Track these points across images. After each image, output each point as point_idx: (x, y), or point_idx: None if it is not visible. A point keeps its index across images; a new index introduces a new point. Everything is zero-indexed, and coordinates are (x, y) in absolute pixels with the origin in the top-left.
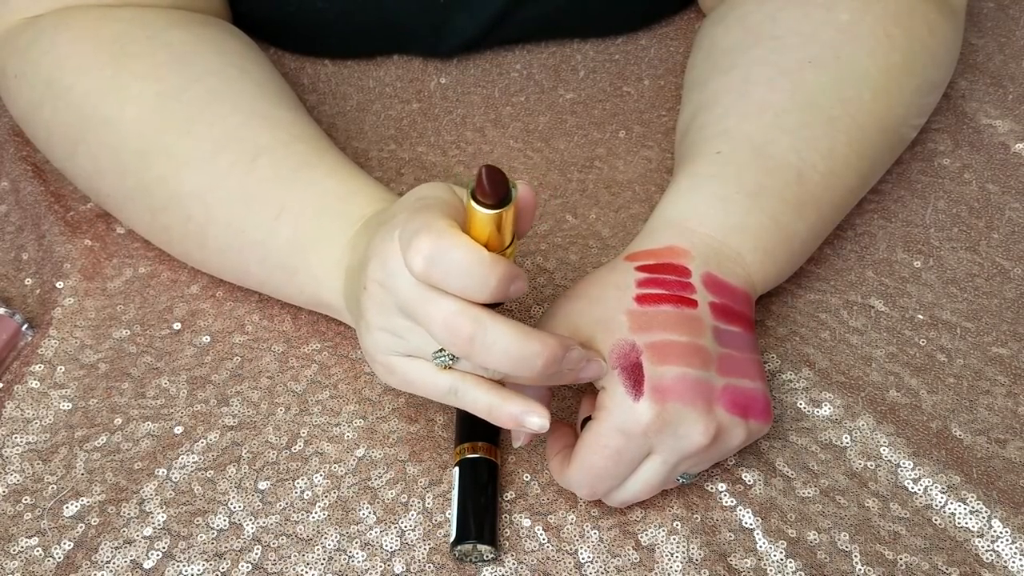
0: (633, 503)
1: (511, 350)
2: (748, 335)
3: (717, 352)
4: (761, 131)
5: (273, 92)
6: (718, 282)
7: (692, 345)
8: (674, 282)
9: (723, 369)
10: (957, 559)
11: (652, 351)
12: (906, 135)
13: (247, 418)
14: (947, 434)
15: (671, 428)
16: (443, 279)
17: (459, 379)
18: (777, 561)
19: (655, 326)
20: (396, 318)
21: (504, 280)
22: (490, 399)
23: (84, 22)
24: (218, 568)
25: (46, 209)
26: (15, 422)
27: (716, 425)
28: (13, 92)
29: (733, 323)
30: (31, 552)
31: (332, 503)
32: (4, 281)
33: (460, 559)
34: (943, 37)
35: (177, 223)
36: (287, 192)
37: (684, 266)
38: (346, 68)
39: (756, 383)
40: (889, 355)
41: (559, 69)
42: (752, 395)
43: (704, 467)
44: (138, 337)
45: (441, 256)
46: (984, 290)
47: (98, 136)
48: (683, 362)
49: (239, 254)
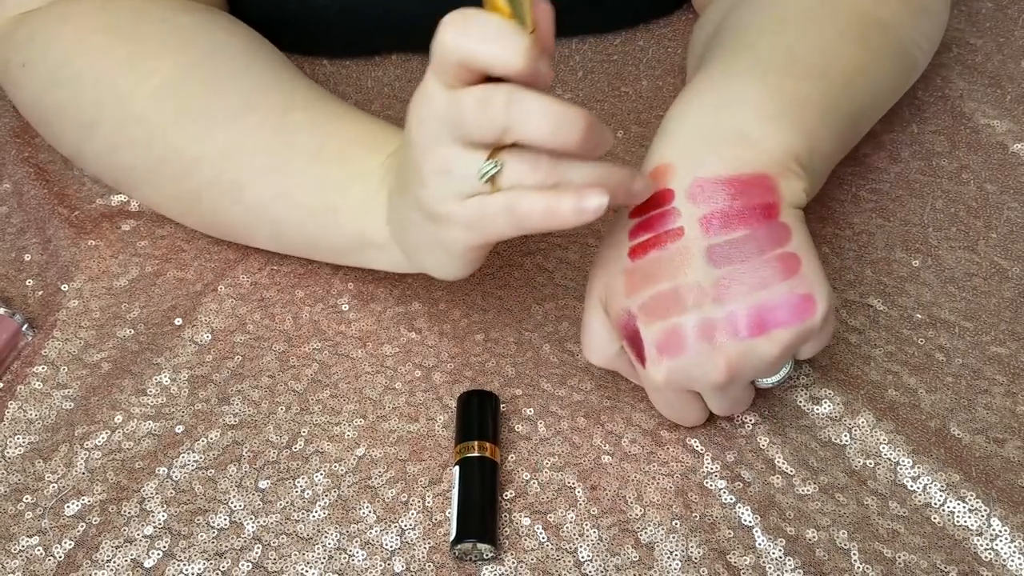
0: (744, 408)
1: (549, 110)
2: (758, 230)
3: (713, 278)
4: (748, 35)
5: (285, 65)
6: (707, 185)
7: (676, 289)
8: (658, 216)
9: (722, 294)
10: (956, 557)
11: (643, 312)
12: (908, 46)
13: (248, 417)
14: (946, 433)
15: (686, 379)
16: (474, 48)
17: (510, 194)
18: (776, 559)
19: (644, 281)
20: (440, 148)
21: (532, 49)
22: (544, 199)
23: (89, 10)
24: (218, 567)
25: (49, 212)
26: (18, 423)
27: (724, 359)
28: (20, 82)
29: (734, 227)
30: (32, 551)
31: (332, 502)
32: (4, 282)
33: (460, 558)
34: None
35: (207, 184)
36: (323, 136)
37: (667, 189)
38: (344, 68)
39: (773, 289)
40: (888, 354)
41: (557, 69)
42: (767, 306)
43: (773, 371)
44: (141, 336)
45: (468, 23)
46: (982, 289)
47: (116, 112)
48: (669, 313)
49: (277, 202)
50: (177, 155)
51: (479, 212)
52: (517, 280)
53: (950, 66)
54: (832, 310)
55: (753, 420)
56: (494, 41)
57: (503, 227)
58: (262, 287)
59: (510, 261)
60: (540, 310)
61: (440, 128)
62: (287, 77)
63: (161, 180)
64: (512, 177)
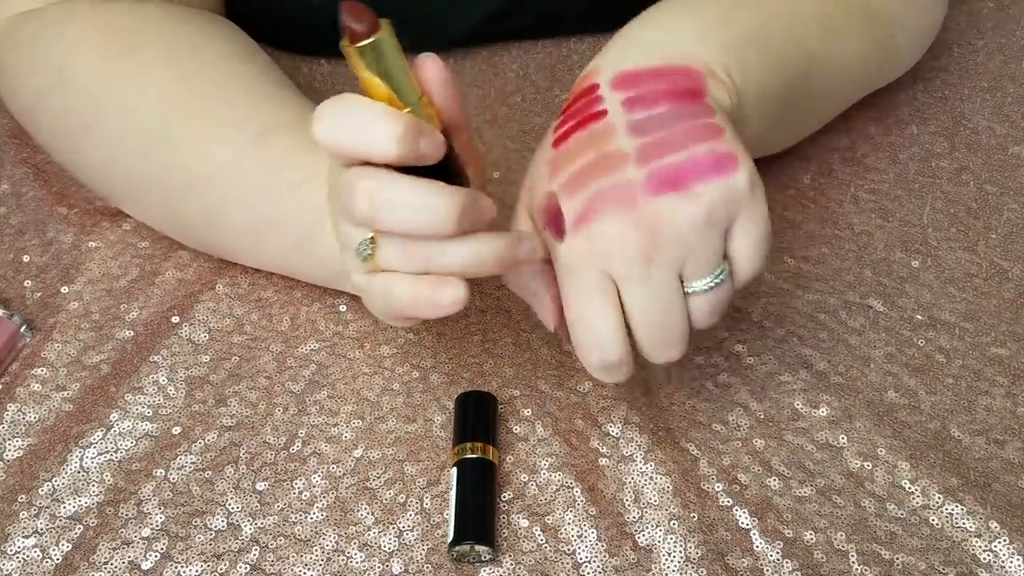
0: (676, 349)
1: (415, 200)
2: (684, 107)
3: (635, 145)
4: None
5: (277, 77)
6: (633, 74)
7: (597, 158)
8: (583, 104)
9: (644, 158)
10: (954, 559)
11: (565, 188)
12: (887, 23)
13: (245, 418)
14: (945, 434)
15: (604, 245)
16: (344, 141)
17: (386, 277)
18: (774, 560)
19: (566, 161)
20: (338, 221)
21: (409, 131)
22: (411, 289)
23: (90, 14)
24: (216, 569)
25: (48, 213)
26: (17, 425)
27: (641, 215)
28: (15, 85)
29: (657, 104)
30: (29, 553)
31: (330, 504)
32: (3, 283)
33: (458, 559)
34: None
35: (194, 207)
36: (306, 164)
37: (592, 83)
38: (342, 67)
39: (696, 148)
40: (887, 355)
41: (555, 69)
42: (686, 163)
43: (703, 259)
44: (140, 337)
45: (336, 117)
46: (983, 290)
47: (110, 123)
48: (590, 179)
49: (257, 234)
50: (164, 175)
51: (365, 291)
52: None
53: (951, 67)
54: (759, 185)
55: (749, 423)
56: (365, 132)
57: (385, 309)
58: (260, 287)
59: None
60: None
61: (336, 202)
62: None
63: (149, 198)
64: (384, 259)
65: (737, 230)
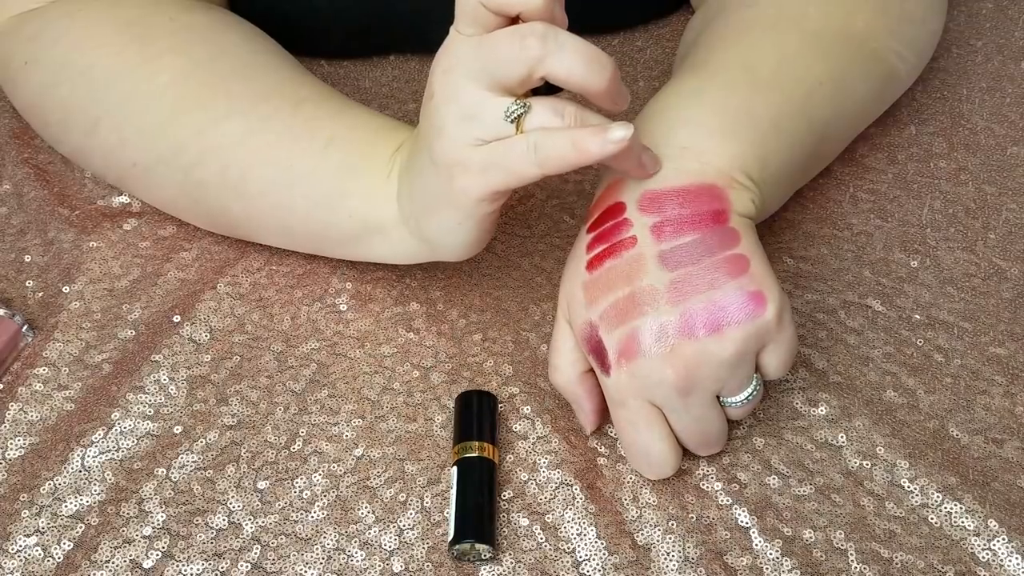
0: (718, 447)
1: (583, 47)
2: (708, 234)
3: (666, 281)
4: (706, 49)
5: (293, 63)
6: (656, 196)
7: (632, 294)
8: (612, 228)
9: (675, 296)
10: (953, 558)
11: (604, 320)
12: (885, 56)
13: (246, 417)
14: (944, 434)
15: (647, 382)
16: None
17: (534, 134)
18: (773, 559)
19: (602, 291)
20: (464, 93)
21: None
22: (570, 134)
23: (96, 9)
24: (217, 568)
25: (50, 213)
26: (19, 424)
27: (681, 359)
28: (22, 79)
29: (684, 232)
30: (30, 552)
31: (331, 502)
32: (4, 283)
33: (458, 558)
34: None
35: (213, 175)
36: (334, 126)
37: (619, 201)
38: (342, 68)
39: (724, 288)
40: (886, 355)
41: None
42: (717, 304)
43: (737, 383)
44: (141, 336)
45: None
46: (981, 290)
47: (124, 107)
48: (628, 317)
49: (285, 191)
50: (183, 148)
51: (502, 152)
52: (515, 281)
53: (949, 67)
54: (786, 312)
55: (748, 422)
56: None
57: (526, 166)
58: (261, 287)
59: (508, 262)
60: (538, 310)
61: (467, 73)
62: (296, 74)
63: (166, 174)
64: (537, 120)
65: (768, 350)
